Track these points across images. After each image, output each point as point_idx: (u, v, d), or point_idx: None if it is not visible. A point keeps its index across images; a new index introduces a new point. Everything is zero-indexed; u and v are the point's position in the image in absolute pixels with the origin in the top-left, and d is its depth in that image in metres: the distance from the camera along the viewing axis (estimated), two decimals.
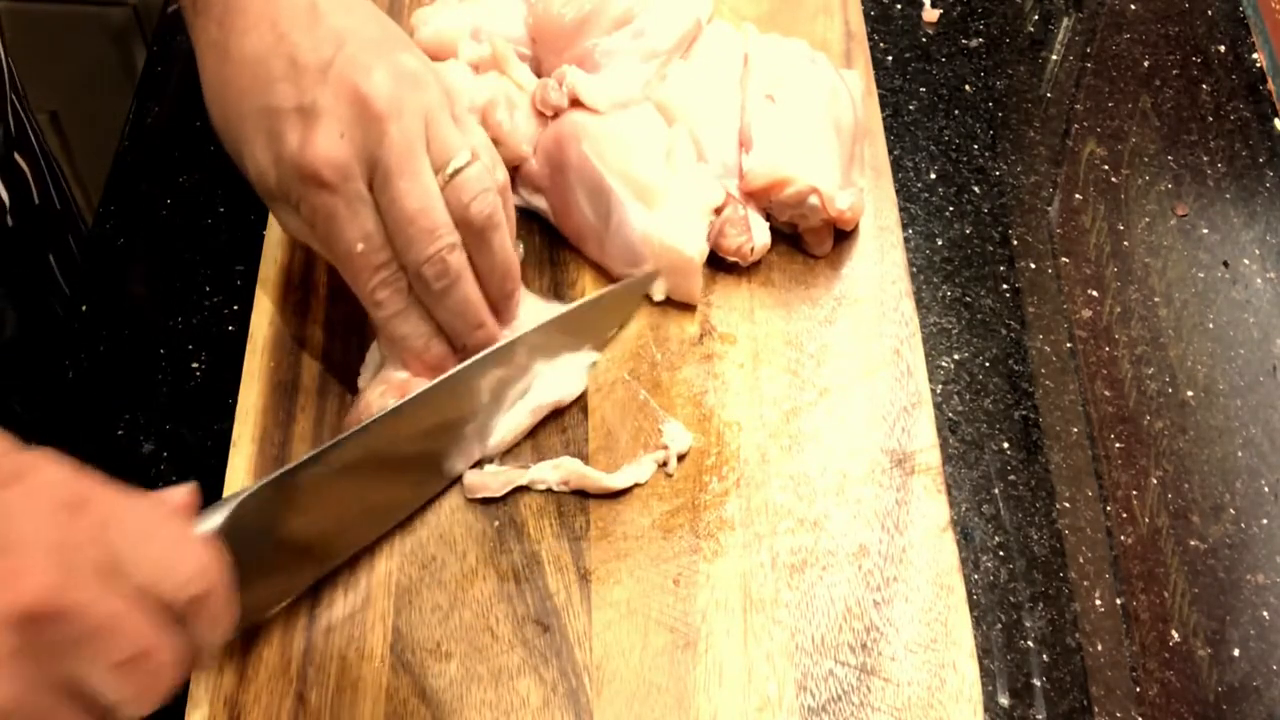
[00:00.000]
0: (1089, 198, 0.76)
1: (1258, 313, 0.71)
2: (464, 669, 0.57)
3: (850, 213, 0.67)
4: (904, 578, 0.59)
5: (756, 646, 0.57)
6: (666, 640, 0.57)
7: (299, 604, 0.58)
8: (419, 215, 0.56)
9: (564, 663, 0.57)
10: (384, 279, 0.58)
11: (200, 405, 0.67)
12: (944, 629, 0.58)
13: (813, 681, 0.56)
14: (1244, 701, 0.59)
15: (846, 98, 0.70)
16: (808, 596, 0.59)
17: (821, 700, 0.56)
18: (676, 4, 0.70)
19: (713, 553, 0.60)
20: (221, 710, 0.56)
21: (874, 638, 0.57)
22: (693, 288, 0.66)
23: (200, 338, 0.69)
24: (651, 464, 0.62)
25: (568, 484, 0.61)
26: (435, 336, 0.60)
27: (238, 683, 0.57)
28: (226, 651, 0.57)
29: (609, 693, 0.56)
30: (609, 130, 0.67)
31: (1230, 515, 0.64)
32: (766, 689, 0.56)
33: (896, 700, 0.56)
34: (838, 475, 0.62)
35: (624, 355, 0.66)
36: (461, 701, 0.56)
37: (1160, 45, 0.84)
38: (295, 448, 0.63)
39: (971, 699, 0.56)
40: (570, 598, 0.59)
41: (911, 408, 0.64)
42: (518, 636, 0.58)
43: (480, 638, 0.58)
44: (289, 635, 0.58)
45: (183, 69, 0.82)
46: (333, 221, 0.56)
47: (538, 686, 0.56)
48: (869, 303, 0.68)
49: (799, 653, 0.57)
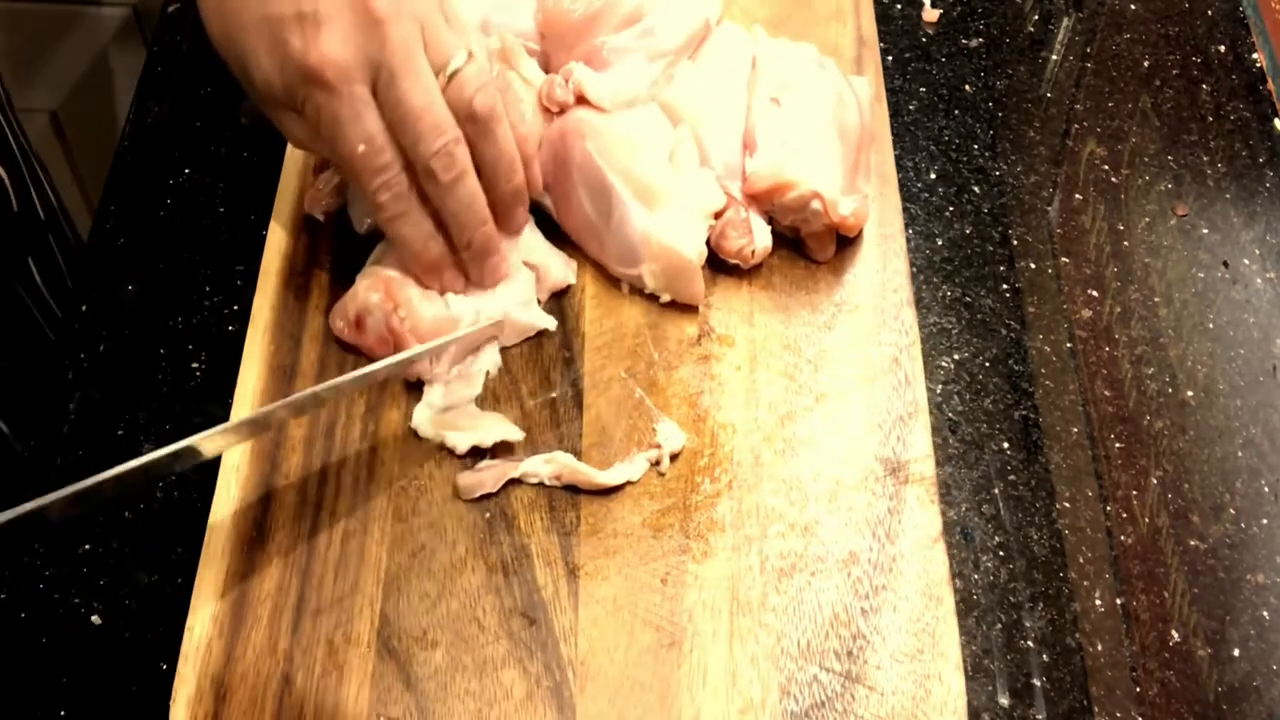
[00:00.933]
0: (1089, 198, 0.76)
1: (1258, 313, 0.71)
2: (449, 658, 0.57)
3: (853, 219, 0.67)
4: (893, 587, 0.59)
5: (742, 649, 0.57)
6: (652, 639, 0.57)
7: (288, 585, 0.59)
8: (424, 112, 0.59)
9: (549, 656, 0.57)
10: (385, 180, 0.60)
11: (200, 405, 0.67)
12: (931, 640, 0.57)
13: (797, 687, 0.56)
14: (1244, 701, 0.59)
15: (853, 103, 0.70)
16: (795, 601, 0.58)
17: (805, 706, 0.56)
18: (686, 4, 0.70)
19: (702, 553, 0.60)
20: (208, 689, 0.56)
21: (860, 645, 0.57)
22: (693, 289, 0.66)
23: (200, 338, 0.69)
24: (644, 462, 0.62)
25: (560, 479, 0.61)
26: (434, 237, 0.63)
27: (224, 663, 0.57)
28: (214, 631, 0.58)
29: (592, 689, 0.56)
30: (613, 129, 0.67)
31: (1230, 515, 0.64)
32: (750, 692, 0.56)
33: (880, 709, 0.56)
34: (830, 481, 0.62)
35: (621, 353, 0.66)
36: (446, 690, 0.56)
37: (1160, 45, 0.84)
38: (291, 430, 0.63)
39: (956, 711, 0.56)
40: (558, 592, 0.59)
41: (908, 417, 0.64)
42: (504, 628, 0.58)
43: (467, 628, 0.58)
44: (277, 617, 0.58)
45: (183, 69, 0.82)
46: (336, 124, 0.59)
47: (522, 679, 0.56)
48: (869, 310, 0.68)
49: (784, 657, 0.57)
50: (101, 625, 0.61)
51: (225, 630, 0.58)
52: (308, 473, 0.62)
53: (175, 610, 0.61)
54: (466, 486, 0.61)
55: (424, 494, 0.62)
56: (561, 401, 0.64)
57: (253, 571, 0.59)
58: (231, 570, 0.59)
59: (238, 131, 0.78)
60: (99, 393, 0.68)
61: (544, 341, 0.67)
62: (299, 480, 0.62)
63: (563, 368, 0.65)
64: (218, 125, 0.78)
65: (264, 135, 0.74)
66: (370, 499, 0.61)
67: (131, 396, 0.67)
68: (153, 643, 0.60)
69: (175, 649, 0.60)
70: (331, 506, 0.61)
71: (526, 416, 0.64)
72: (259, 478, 0.62)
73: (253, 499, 0.61)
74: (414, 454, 0.63)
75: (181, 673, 0.57)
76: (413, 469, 0.62)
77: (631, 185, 0.66)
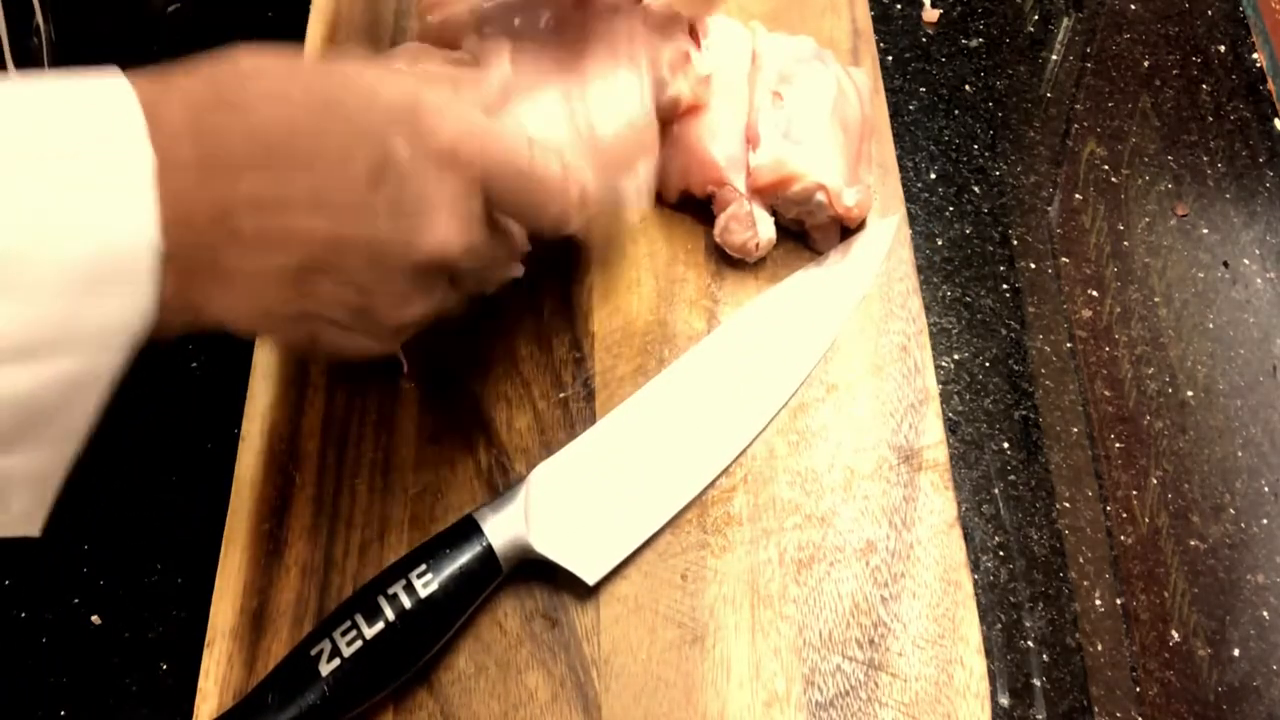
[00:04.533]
0: (1089, 198, 0.76)
1: (1258, 313, 0.71)
2: (472, 662, 0.57)
3: (857, 209, 0.67)
4: (911, 574, 0.59)
5: (764, 642, 0.57)
6: (674, 635, 0.58)
7: (307, 596, 0.59)
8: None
9: (572, 657, 0.57)
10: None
11: (200, 405, 0.67)
12: (951, 625, 0.58)
13: (820, 677, 0.56)
14: (1244, 701, 0.59)
15: (854, 95, 0.70)
16: (815, 592, 0.59)
17: (829, 695, 0.56)
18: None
19: (720, 548, 0.60)
20: (230, 704, 0.56)
21: (881, 633, 0.58)
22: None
23: (200, 337, 0.69)
24: None
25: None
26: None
27: (246, 677, 0.57)
28: (234, 646, 0.57)
29: (617, 687, 0.56)
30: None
31: (1230, 515, 0.64)
32: (774, 684, 0.56)
33: (904, 695, 0.56)
34: (845, 471, 0.62)
35: (632, 351, 0.66)
36: (469, 695, 0.56)
37: (1160, 45, 0.84)
38: (304, 444, 0.63)
39: (979, 694, 0.56)
40: (578, 592, 0.59)
41: (919, 404, 0.64)
42: (526, 631, 0.58)
43: (488, 631, 0.58)
44: (297, 629, 0.58)
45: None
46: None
47: (546, 681, 0.56)
48: (876, 299, 0.68)
49: (807, 648, 0.57)
50: (101, 625, 0.61)
51: (245, 645, 0.57)
52: (322, 483, 0.62)
53: (175, 610, 0.61)
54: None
55: (440, 500, 0.61)
56: (574, 402, 0.64)
57: (270, 584, 0.59)
58: (249, 584, 0.59)
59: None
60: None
61: (554, 343, 0.67)
62: (314, 492, 0.62)
63: (574, 368, 0.65)
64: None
65: None
66: (387, 507, 0.61)
67: (131, 397, 0.67)
68: (153, 643, 0.60)
69: (175, 649, 0.60)
70: (348, 516, 0.61)
71: (539, 419, 0.64)
72: (273, 490, 0.62)
73: (267, 511, 0.61)
74: (429, 460, 0.63)
75: (203, 688, 0.56)
76: (428, 475, 0.62)
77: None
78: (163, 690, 0.59)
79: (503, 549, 0.56)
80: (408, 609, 0.54)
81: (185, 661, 0.60)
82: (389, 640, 0.53)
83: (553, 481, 0.59)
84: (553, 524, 0.58)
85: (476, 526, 0.56)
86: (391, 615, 0.53)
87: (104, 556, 0.63)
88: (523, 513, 0.57)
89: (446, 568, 0.55)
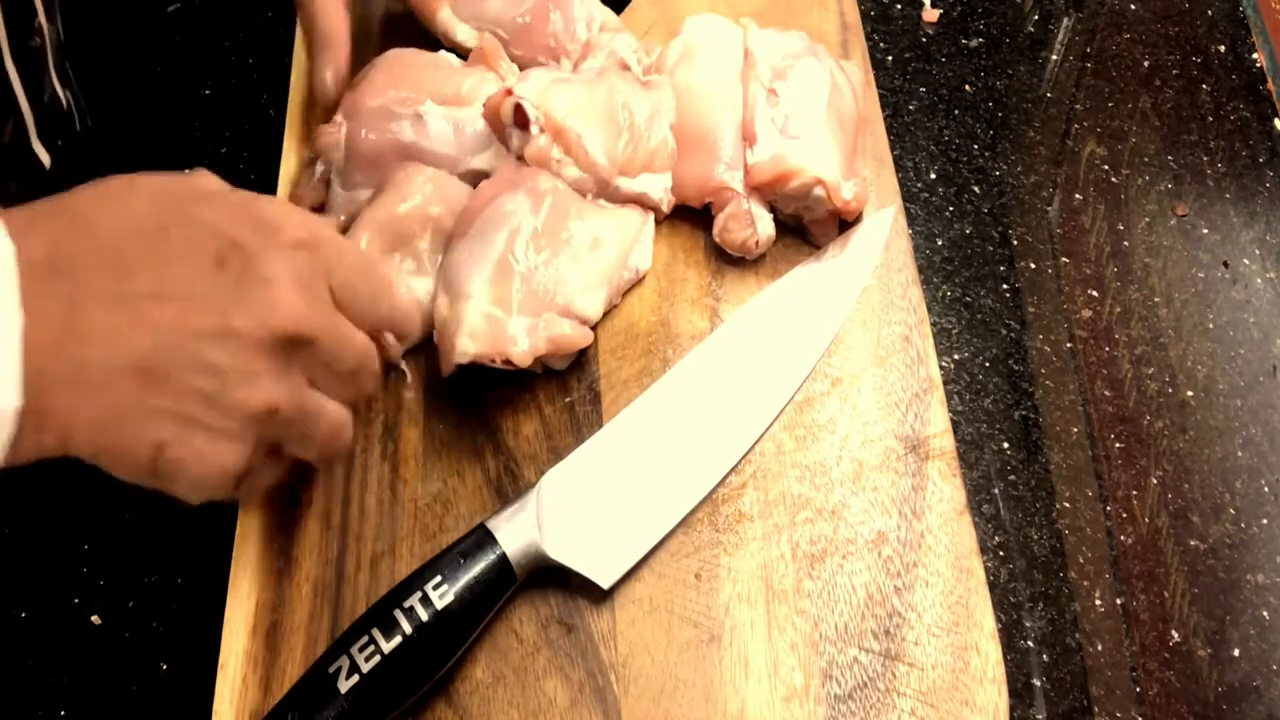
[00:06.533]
0: (1089, 198, 0.76)
1: (1258, 313, 0.71)
2: (490, 672, 0.57)
3: (855, 202, 0.67)
4: (924, 562, 0.59)
5: (781, 637, 0.57)
6: (691, 635, 0.58)
7: (319, 613, 0.58)
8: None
9: (590, 662, 0.57)
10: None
11: None
12: (965, 611, 0.58)
13: (838, 670, 0.56)
14: (1244, 701, 0.59)
15: (847, 88, 0.70)
16: (829, 585, 0.59)
17: (847, 688, 0.56)
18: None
19: (733, 546, 0.60)
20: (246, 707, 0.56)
21: (896, 623, 0.58)
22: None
23: None
24: None
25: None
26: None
27: (261, 697, 0.56)
28: (249, 666, 0.57)
29: (636, 689, 0.56)
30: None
31: (1230, 515, 0.64)
32: (793, 679, 0.56)
33: (921, 684, 0.56)
34: (853, 463, 0.62)
35: (635, 353, 0.66)
36: (489, 705, 0.56)
37: (1160, 45, 0.84)
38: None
39: (995, 679, 0.56)
40: (593, 596, 0.59)
41: (923, 393, 0.64)
42: (542, 637, 0.57)
43: (504, 639, 0.57)
44: (311, 647, 0.57)
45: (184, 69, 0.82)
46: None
47: (565, 686, 0.56)
48: (876, 290, 0.68)
49: (823, 641, 0.57)
50: (101, 625, 0.61)
51: (260, 665, 0.57)
52: (330, 499, 0.61)
53: (175, 610, 0.61)
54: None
55: (449, 510, 0.61)
56: (580, 406, 0.64)
57: (283, 603, 0.58)
58: (261, 603, 0.58)
59: (239, 132, 0.78)
60: None
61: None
62: (322, 508, 0.61)
63: (578, 371, 0.65)
64: (218, 125, 0.79)
65: (263, 139, 0.74)
66: (396, 520, 0.61)
67: None
68: (153, 643, 0.60)
69: (175, 649, 0.60)
70: (358, 530, 0.60)
71: (546, 424, 0.64)
72: (280, 508, 0.61)
73: (276, 529, 0.60)
74: (437, 470, 0.62)
75: (218, 710, 0.55)
76: (436, 485, 0.62)
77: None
78: (163, 690, 0.59)
79: (517, 557, 0.56)
80: (425, 621, 0.53)
81: (185, 661, 0.60)
82: (407, 654, 0.53)
83: (563, 487, 0.59)
84: (565, 529, 0.58)
85: (490, 535, 0.56)
86: (409, 628, 0.53)
87: (104, 556, 0.63)
88: (535, 519, 0.57)
89: (462, 578, 0.55)
